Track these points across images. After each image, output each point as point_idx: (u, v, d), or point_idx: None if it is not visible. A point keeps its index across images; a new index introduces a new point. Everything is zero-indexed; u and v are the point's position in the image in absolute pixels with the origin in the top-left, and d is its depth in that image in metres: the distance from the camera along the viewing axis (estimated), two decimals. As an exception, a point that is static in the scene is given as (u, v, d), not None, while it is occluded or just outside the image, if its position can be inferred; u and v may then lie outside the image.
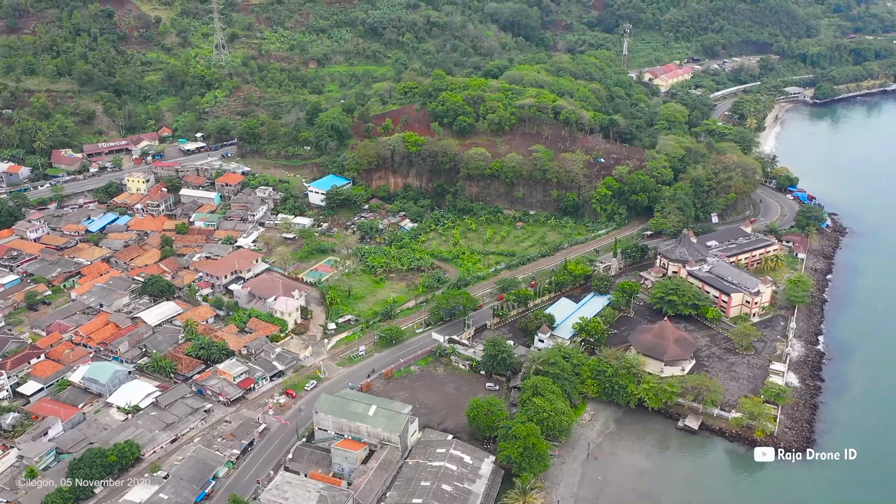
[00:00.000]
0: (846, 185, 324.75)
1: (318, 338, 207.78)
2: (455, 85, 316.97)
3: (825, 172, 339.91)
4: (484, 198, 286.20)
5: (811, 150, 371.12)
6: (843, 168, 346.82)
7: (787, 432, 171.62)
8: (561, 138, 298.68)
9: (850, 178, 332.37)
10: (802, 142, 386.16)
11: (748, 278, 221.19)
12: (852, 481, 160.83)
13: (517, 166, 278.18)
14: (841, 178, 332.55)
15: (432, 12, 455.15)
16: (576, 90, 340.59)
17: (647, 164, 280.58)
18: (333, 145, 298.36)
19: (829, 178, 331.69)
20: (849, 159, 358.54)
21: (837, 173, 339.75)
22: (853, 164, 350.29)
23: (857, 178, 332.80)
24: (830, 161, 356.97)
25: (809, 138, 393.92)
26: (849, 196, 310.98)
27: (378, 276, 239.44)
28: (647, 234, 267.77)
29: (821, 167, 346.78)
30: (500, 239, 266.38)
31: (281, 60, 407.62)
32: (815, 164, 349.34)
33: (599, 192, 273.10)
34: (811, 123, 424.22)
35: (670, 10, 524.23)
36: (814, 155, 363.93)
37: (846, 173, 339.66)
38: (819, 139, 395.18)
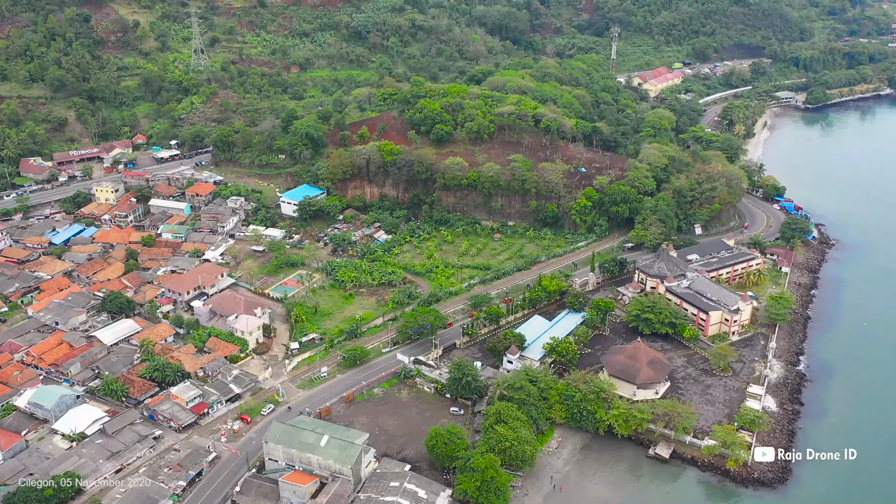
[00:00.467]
0: (836, 193, 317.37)
1: (279, 358, 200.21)
2: (434, 92, 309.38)
3: (814, 181, 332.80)
4: (461, 208, 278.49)
5: (801, 157, 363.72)
6: (833, 176, 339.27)
7: (761, 463, 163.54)
8: (541, 147, 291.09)
9: (839, 187, 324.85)
10: (792, 148, 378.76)
11: (728, 295, 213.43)
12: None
13: (495, 176, 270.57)
14: (830, 187, 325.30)
15: (418, 15, 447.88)
16: (559, 96, 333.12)
17: (629, 174, 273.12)
18: (307, 154, 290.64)
19: (819, 187, 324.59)
20: (839, 167, 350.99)
21: (827, 181, 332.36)
22: (844, 172, 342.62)
23: (848, 186, 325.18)
24: (820, 168, 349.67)
25: (800, 145, 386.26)
26: (838, 205, 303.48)
27: (347, 292, 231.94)
28: (627, 246, 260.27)
29: (810, 175, 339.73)
30: (476, 252, 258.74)
31: (262, 65, 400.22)
32: (804, 172, 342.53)
33: (579, 203, 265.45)
34: (802, 129, 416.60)
35: (661, 13, 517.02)
36: (803, 162, 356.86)
37: (836, 181, 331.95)
38: (810, 146, 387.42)
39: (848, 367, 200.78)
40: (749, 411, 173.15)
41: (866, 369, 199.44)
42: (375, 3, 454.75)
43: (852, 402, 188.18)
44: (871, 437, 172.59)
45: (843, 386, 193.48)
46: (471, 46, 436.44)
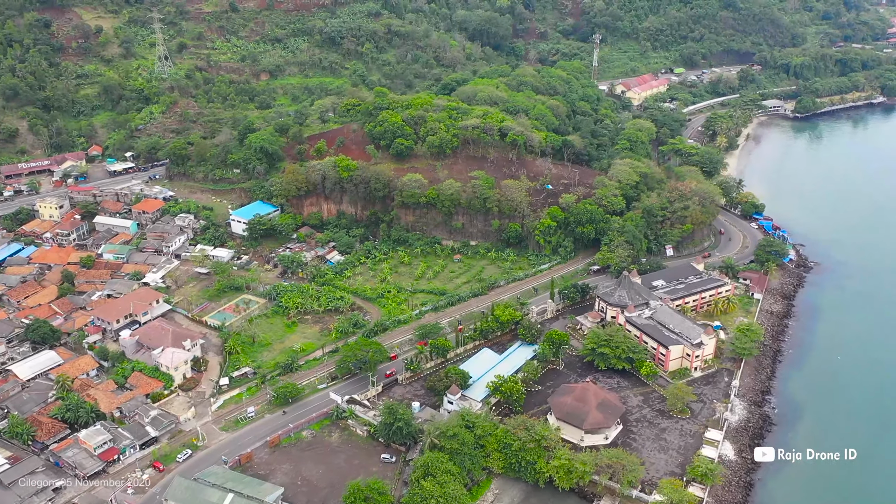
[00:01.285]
0: (820, 210, 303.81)
1: (206, 395, 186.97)
2: (397, 104, 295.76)
3: (798, 196, 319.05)
4: (421, 227, 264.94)
5: (785, 171, 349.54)
6: (818, 191, 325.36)
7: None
8: (508, 162, 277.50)
9: (824, 203, 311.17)
10: (777, 161, 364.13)
11: (691, 327, 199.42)
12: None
13: (455, 194, 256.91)
14: (815, 203, 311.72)
15: (394, 21, 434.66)
16: (532, 107, 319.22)
17: (597, 192, 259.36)
18: (261, 169, 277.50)
19: (802, 203, 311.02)
20: (825, 181, 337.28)
21: (811, 197, 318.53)
22: (830, 186, 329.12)
23: (833, 202, 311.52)
24: (805, 183, 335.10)
25: (785, 157, 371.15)
26: (820, 223, 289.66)
27: (290, 319, 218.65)
28: (593, 269, 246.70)
29: (794, 190, 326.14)
30: (433, 274, 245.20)
31: (231, 72, 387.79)
32: (787, 187, 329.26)
33: (543, 223, 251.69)
34: (789, 140, 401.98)
35: (649, 18, 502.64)
36: (788, 176, 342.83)
37: (821, 197, 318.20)
38: (795, 158, 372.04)
39: (817, 408, 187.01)
40: (702, 462, 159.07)
41: (836, 410, 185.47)
42: (351, 8, 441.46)
43: (820, 446, 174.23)
44: (839, 488, 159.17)
45: (812, 430, 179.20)
46: (448, 53, 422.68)
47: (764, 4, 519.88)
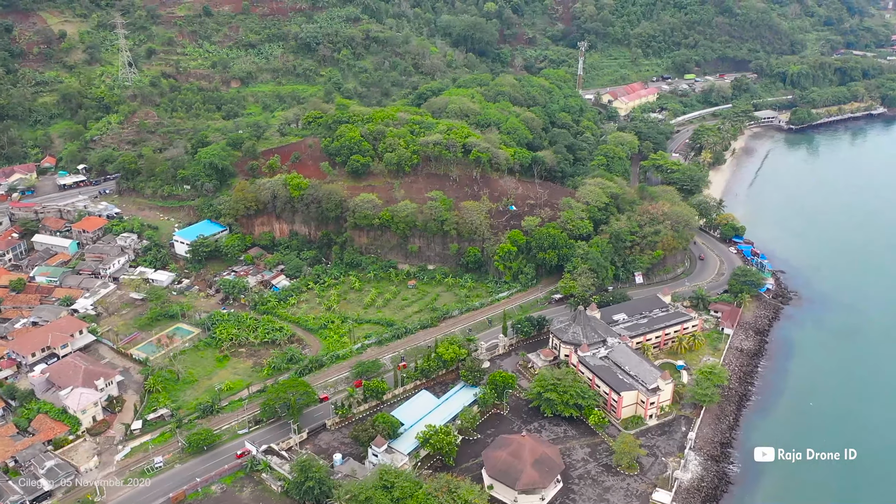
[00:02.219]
0: (806, 233, 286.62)
1: (117, 440, 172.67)
2: (357, 117, 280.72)
3: (784, 216, 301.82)
4: (375, 250, 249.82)
5: (774, 188, 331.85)
6: (806, 211, 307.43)
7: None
8: (471, 180, 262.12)
9: (812, 225, 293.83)
10: (767, 177, 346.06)
11: (649, 370, 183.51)
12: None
13: (410, 216, 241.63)
14: (801, 224, 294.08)
15: (373, 26, 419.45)
16: (504, 120, 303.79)
17: (562, 215, 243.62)
18: (210, 186, 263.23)
19: (788, 224, 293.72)
20: (816, 199, 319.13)
21: (798, 218, 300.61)
22: (820, 206, 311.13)
23: (821, 224, 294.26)
24: (794, 202, 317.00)
25: (775, 173, 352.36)
26: (805, 248, 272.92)
27: (222, 353, 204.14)
28: (555, 297, 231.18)
29: (781, 209, 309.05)
30: (383, 302, 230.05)
31: (201, 79, 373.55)
32: (774, 206, 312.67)
33: (502, 248, 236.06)
34: (782, 154, 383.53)
35: (641, 24, 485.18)
36: (776, 194, 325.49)
37: (809, 218, 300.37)
38: (786, 174, 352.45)
39: (782, 463, 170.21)
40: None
41: (802, 467, 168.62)
42: (330, 13, 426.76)
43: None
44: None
45: (774, 491, 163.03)
46: (427, 60, 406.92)
47: (762, 10, 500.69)
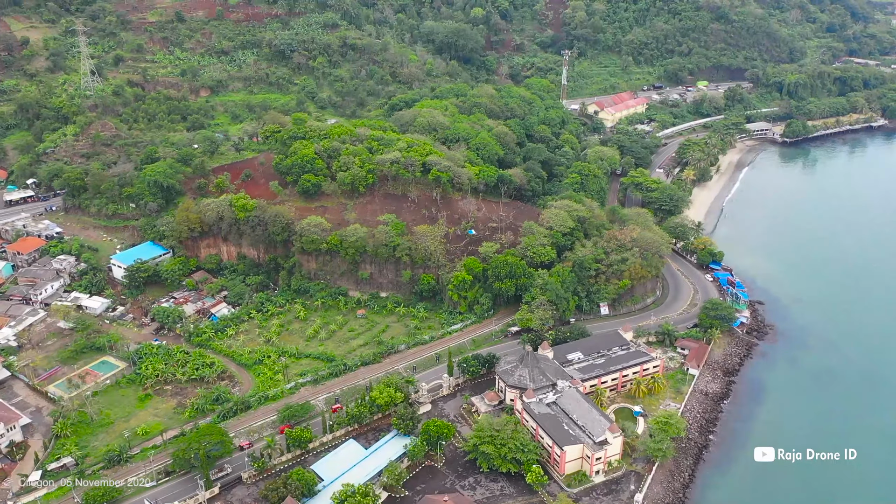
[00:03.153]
0: (789, 259, 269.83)
1: (9, 494, 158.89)
2: (314, 133, 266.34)
3: (769, 240, 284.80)
4: (324, 276, 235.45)
5: (761, 207, 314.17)
6: (793, 233, 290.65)
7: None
8: (430, 201, 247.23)
9: (797, 250, 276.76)
10: (755, 195, 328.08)
11: (597, 420, 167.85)
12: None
13: (360, 241, 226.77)
14: (786, 249, 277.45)
15: (350, 33, 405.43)
16: (474, 135, 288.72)
17: (523, 241, 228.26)
18: (154, 206, 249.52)
19: (772, 249, 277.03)
20: (804, 221, 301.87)
21: (784, 241, 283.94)
22: (808, 230, 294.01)
23: (808, 249, 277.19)
24: (781, 223, 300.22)
25: (764, 190, 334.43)
26: (787, 276, 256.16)
27: (145, 391, 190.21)
28: (512, 330, 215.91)
29: (766, 232, 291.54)
30: (328, 334, 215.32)
31: (169, 87, 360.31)
32: (759, 227, 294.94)
33: (457, 277, 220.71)
34: (774, 169, 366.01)
35: (633, 30, 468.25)
36: (762, 213, 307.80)
37: (795, 243, 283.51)
38: (776, 191, 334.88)
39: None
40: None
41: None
42: (307, 19, 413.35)
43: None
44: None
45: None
46: (405, 68, 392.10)
47: (760, 16, 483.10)
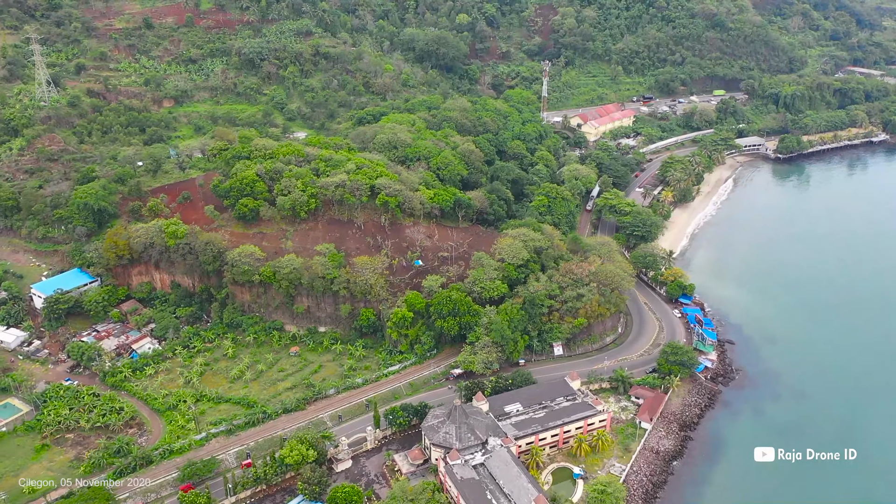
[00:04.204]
0: (768, 291, 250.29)
1: None
2: (259, 152, 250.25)
3: (748, 270, 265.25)
4: (258, 309, 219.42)
5: (744, 233, 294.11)
6: (776, 264, 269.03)
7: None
8: (378, 228, 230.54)
9: (778, 281, 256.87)
10: (738, 218, 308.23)
11: (525, 488, 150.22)
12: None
13: (294, 273, 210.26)
14: (766, 280, 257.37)
15: (324, 41, 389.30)
16: (435, 154, 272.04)
17: (470, 275, 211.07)
18: (83, 230, 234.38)
19: (750, 280, 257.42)
20: (790, 249, 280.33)
21: (765, 271, 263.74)
22: (793, 257, 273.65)
23: (790, 280, 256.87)
24: (764, 252, 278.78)
25: (750, 213, 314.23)
26: (764, 311, 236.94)
27: (43, 440, 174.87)
28: (454, 373, 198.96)
29: (746, 261, 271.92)
30: (254, 375, 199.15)
31: (132, 98, 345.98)
32: (739, 256, 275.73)
33: (397, 314, 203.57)
34: (763, 189, 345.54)
35: (624, 38, 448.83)
36: (745, 241, 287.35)
37: (777, 272, 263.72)
38: (763, 214, 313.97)
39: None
40: None
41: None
42: (280, 26, 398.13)
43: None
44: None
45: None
46: (379, 79, 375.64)
47: (758, 24, 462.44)
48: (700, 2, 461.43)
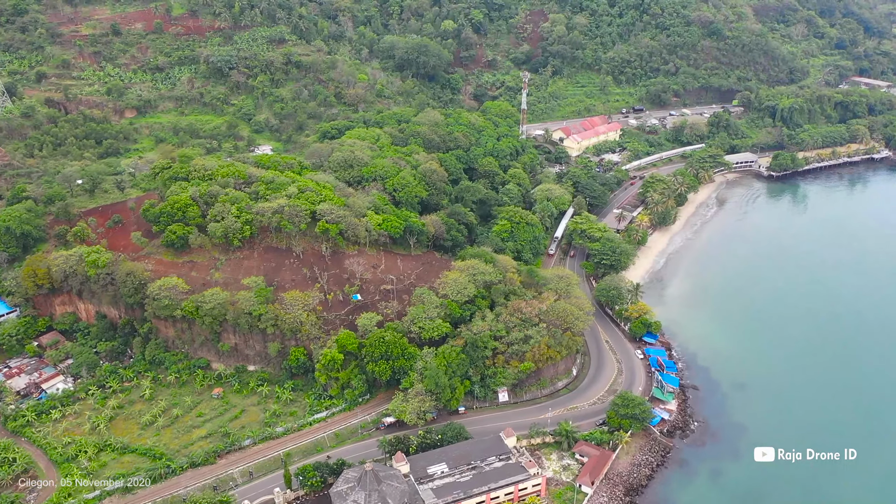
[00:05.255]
0: (744, 329, 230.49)
1: None
2: (198, 173, 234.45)
3: (725, 305, 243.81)
4: (183, 345, 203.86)
5: (725, 262, 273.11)
6: (756, 298, 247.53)
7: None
8: (318, 257, 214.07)
9: (756, 318, 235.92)
10: (720, 244, 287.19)
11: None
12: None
13: (218, 308, 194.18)
14: (742, 318, 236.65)
15: (296, 49, 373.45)
16: (393, 174, 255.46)
17: (409, 312, 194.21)
18: (4, 256, 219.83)
19: (725, 317, 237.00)
20: (773, 281, 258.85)
21: (742, 308, 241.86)
22: (775, 291, 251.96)
23: (770, 318, 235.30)
24: (744, 283, 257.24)
25: (734, 238, 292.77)
26: (736, 352, 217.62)
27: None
28: (385, 422, 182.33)
29: (723, 295, 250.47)
30: (169, 420, 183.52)
31: (93, 107, 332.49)
32: (717, 289, 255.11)
33: (326, 356, 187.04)
34: (752, 210, 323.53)
35: (615, 47, 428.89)
36: (724, 271, 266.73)
37: (755, 308, 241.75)
38: (748, 240, 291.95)
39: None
40: None
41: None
42: (253, 33, 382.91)
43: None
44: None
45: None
46: (352, 89, 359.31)
47: (757, 32, 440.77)
48: (696, 9, 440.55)
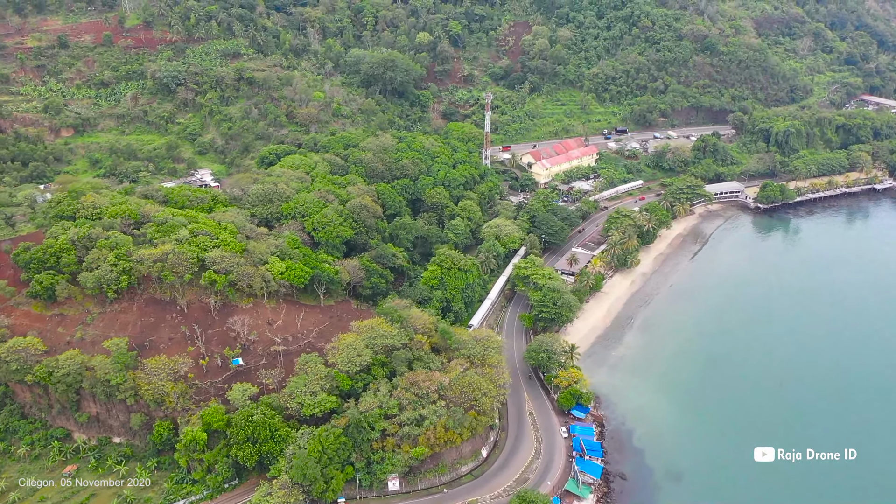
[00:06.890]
0: (697, 403, 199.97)
1: None
2: (87, 211, 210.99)
3: (682, 369, 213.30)
4: (40, 413, 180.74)
5: (690, 313, 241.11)
6: (720, 360, 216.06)
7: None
8: (206, 312, 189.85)
9: (714, 390, 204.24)
10: (687, 292, 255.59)
11: None
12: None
13: (73, 375, 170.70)
14: (697, 388, 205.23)
15: (249, 64, 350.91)
16: (314, 211, 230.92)
17: (288, 384, 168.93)
18: None
19: (676, 387, 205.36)
20: (743, 338, 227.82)
21: (699, 375, 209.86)
22: (743, 352, 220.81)
23: (729, 384, 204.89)
24: (709, 341, 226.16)
25: (705, 284, 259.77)
26: (682, 431, 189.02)
27: None
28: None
29: (681, 356, 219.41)
30: (18, 498, 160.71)
31: (28, 125, 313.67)
32: (675, 348, 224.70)
33: (187, 435, 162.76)
34: (731, 250, 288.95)
35: (600, 62, 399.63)
36: (687, 325, 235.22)
37: (716, 373, 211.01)
38: (722, 287, 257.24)
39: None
40: None
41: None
42: (207, 46, 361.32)
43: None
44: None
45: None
46: (304, 108, 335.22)
47: (755, 48, 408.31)
48: (690, 22, 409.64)
